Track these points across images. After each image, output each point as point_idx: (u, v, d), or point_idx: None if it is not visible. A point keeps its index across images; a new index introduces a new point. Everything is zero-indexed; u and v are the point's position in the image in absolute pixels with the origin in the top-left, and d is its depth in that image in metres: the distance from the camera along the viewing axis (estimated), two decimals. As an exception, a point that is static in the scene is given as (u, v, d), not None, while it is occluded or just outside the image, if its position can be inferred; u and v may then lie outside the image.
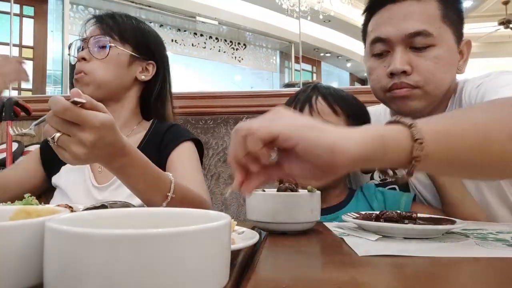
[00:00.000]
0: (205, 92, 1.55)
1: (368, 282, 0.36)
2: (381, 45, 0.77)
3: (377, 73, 0.78)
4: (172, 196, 0.68)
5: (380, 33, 0.77)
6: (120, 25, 0.96)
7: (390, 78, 0.76)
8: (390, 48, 0.76)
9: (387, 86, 0.76)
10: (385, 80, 0.77)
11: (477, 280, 0.38)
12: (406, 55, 0.74)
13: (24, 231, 0.30)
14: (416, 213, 0.57)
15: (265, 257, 0.44)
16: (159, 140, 0.93)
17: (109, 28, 0.95)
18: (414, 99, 0.75)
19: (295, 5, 6.08)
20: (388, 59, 0.77)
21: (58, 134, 0.53)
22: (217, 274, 0.28)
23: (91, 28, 0.97)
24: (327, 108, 0.81)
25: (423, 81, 0.74)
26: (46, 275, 0.27)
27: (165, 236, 0.24)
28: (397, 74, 0.74)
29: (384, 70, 0.77)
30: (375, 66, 0.79)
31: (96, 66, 0.92)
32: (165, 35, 6.75)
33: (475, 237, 0.54)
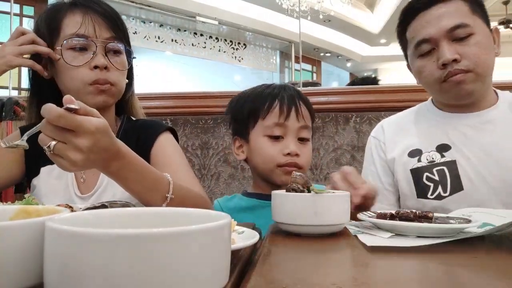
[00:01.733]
0: (205, 92, 1.55)
1: (368, 282, 0.36)
2: (426, 45, 0.88)
3: (429, 69, 0.88)
4: (172, 197, 0.67)
5: (423, 35, 0.88)
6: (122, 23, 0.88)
7: (442, 69, 0.85)
8: (435, 45, 0.87)
9: (442, 76, 0.86)
10: (438, 72, 0.87)
11: (484, 279, 0.38)
12: (452, 47, 0.85)
13: (24, 231, 0.30)
14: (433, 213, 0.57)
15: (265, 257, 0.44)
16: (135, 135, 0.89)
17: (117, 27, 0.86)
18: (469, 82, 0.85)
19: (295, 5, 6.07)
20: (436, 55, 0.87)
21: (54, 143, 0.52)
22: (217, 274, 0.28)
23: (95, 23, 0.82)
24: (307, 113, 0.91)
25: (473, 65, 0.84)
26: (46, 274, 0.27)
27: (165, 235, 0.24)
28: (449, 63, 0.84)
29: (434, 65, 0.87)
30: (424, 63, 0.89)
31: (118, 76, 0.85)
32: (165, 35, 6.75)
33: (489, 235, 0.54)
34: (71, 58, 0.82)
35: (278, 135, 0.86)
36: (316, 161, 1.43)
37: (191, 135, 1.49)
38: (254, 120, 0.89)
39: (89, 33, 0.82)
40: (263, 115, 0.87)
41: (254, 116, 0.89)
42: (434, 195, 0.88)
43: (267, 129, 0.87)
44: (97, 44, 0.82)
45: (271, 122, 0.87)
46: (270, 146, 0.86)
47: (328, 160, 1.44)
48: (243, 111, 0.91)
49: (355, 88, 1.57)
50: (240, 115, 0.92)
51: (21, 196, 0.63)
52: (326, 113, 1.46)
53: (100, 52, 0.83)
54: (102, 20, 0.84)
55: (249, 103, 0.91)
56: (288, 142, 0.86)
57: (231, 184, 1.47)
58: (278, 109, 0.87)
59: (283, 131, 0.86)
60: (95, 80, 0.82)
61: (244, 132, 0.91)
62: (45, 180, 0.88)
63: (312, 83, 6.06)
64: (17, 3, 4.75)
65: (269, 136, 0.86)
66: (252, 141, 0.89)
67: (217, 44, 7.46)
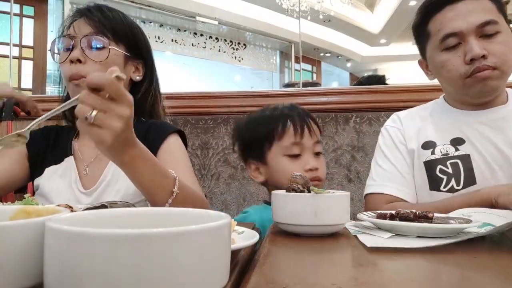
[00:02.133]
0: (205, 92, 1.55)
1: (368, 282, 0.36)
2: (453, 39, 0.87)
3: (453, 63, 0.87)
4: (177, 192, 0.68)
5: (451, 29, 0.86)
6: (112, 22, 0.89)
7: (469, 64, 0.85)
8: (462, 40, 0.86)
9: (468, 72, 0.85)
10: (463, 67, 0.86)
11: (483, 278, 0.38)
12: (480, 43, 0.84)
13: (25, 231, 0.30)
14: (433, 213, 0.57)
15: (265, 257, 0.44)
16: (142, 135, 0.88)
17: (101, 25, 0.88)
18: (494, 79, 0.85)
19: (295, 5, 6.08)
20: (462, 49, 0.86)
21: (95, 112, 0.54)
22: (217, 273, 0.28)
23: (78, 24, 0.88)
24: (317, 128, 0.96)
25: (500, 62, 0.84)
26: (46, 274, 0.27)
27: (165, 235, 0.24)
28: (477, 59, 0.84)
29: (460, 59, 0.86)
30: (449, 57, 0.88)
31: (95, 69, 0.85)
32: (165, 35, 6.75)
33: (490, 236, 0.54)
34: (60, 57, 0.88)
35: (297, 153, 0.90)
36: (316, 161, 1.43)
37: (191, 135, 1.50)
38: (269, 142, 0.92)
39: (70, 32, 0.88)
40: (279, 137, 0.91)
41: (269, 138, 0.92)
42: (447, 187, 0.88)
43: (286, 149, 0.90)
44: (74, 40, 0.86)
45: (288, 142, 0.90)
46: (291, 164, 0.89)
47: (328, 160, 1.44)
48: (256, 136, 0.94)
49: (355, 88, 1.57)
50: (254, 140, 0.95)
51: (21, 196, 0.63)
52: (326, 113, 1.46)
53: (77, 47, 0.86)
54: (84, 20, 0.88)
55: (261, 126, 0.94)
56: (307, 158, 0.90)
57: (231, 184, 1.47)
58: (293, 129, 0.91)
59: (300, 149, 0.90)
60: (70, 75, 0.85)
61: (260, 155, 0.94)
62: (49, 179, 0.89)
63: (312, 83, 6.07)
64: (17, 3, 4.75)
65: (288, 155, 0.90)
66: (271, 162, 0.92)
67: (217, 44, 7.46)
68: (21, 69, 4.99)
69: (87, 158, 0.91)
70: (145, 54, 0.97)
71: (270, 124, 0.93)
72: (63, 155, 0.92)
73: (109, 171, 0.87)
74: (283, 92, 1.67)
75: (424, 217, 0.55)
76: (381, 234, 0.54)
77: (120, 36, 0.90)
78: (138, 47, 0.94)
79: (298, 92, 1.54)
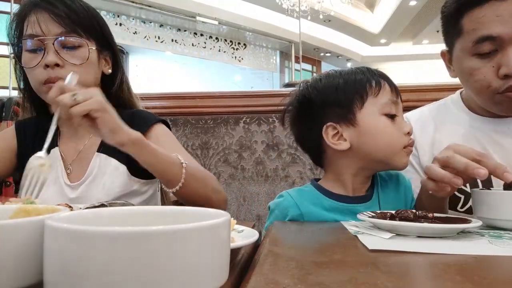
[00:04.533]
0: (205, 92, 1.55)
1: (368, 282, 0.36)
2: (488, 44, 0.73)
3: (484, 73, 0.75)
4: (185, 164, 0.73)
5: (489, 32, 0.72)
6: (79, 15, 0.84)
7: (503, 80, 0.73)
8: (498, 47, 0.73)
9: (500, 88, 0.74)
10: (495, 82, 0.74)
11: (483, 278, 0.38)
12: None
13: (24, 230, 0.30)
14: (432, 213, 0.57)
15: (265, 257, 0.44)
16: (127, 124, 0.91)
17: (70, 21, 0.82)
18: None
19: (295, 5, 6.08)
20: (497, 59, 0.73)
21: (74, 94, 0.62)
22: (217, 271, 0.28)
23: (43, 21, 0.81)
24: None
25: None
26: (46, 272, 0.27)
27: (163, 233, 0.25)
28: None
29: (493, 71, 0.74)
30: (479, 66, 0.76)
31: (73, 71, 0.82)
32: (165, 35, 6.76)
33: (490, 235, 0.54)
34: (27, 60, 0.83)
35: (394, 114, 0.74)
36: (316, 161, 1.44)
37: (191, 135, 1.50)
38: (361, 100, 0.74)
39: (37, 32, 0.81)
40: (375, 92, 0.74)
41: (360, 94, 0.74)
42: (465, 208, 0.80)
43: (384, 106, 0.74)
44: (45, 42, 0.81)
45: (386, 99, 0.74)
46: (391, 126, 0.73)
47: (328, 160, 1.44)
48: (340, 92, 0.76)
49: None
50: (337, 97, 0.76)
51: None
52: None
53: (51, 50, 0.81)
54: (50, 16, 0.81)
55: (344, 83, 0.76)
56: (401, 121, 0.75)
57: (231, 184, 1.47)
58: (388, 86, 0.75)
59: (396, 110, 0.75)
60: (46, 79, 0.81)
61: (346, 115, 0.75)
62: None
63: (312, 83, 6.05)
64: (17, 3, 4.75)
65: (387, 115, 0.74)
66: (365, 123, 0.74)
67: (217, 44, 7.47)
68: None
69: (69, 157, 0.90)
70: (112, 44, 0.92)
71: (359, 79, 0.76)
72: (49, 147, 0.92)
73: (94, 166, 0.87)
74: (283, 92, 1.67)
75: (424, 217, 0.55)
76: (381, 235, 0.54)
77: (90, 31, 0.86)
78: (106, 38, 0.90)
79: (298, 92, 1.53)
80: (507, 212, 0.58)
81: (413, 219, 0.55)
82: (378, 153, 0.74)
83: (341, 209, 0.73)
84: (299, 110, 0.81)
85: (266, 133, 1.45)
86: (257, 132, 1.45)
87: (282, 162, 1.43)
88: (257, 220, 1.43)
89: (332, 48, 8.82)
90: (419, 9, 7.57)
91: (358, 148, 0.74)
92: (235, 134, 1.46)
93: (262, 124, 1.45)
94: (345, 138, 0.74)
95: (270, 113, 1.45)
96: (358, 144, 0.74)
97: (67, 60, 0.82)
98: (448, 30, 0.82)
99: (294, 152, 1.43)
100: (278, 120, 1.44)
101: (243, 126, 1.46)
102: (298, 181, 1.41)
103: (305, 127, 0.80)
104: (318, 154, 0.80)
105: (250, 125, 1.46)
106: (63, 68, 0.81)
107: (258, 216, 1.43)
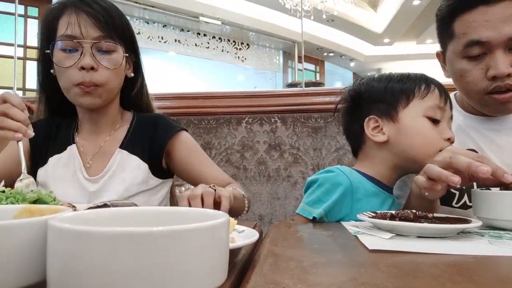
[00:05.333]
0: (208, 92, 1.56)
1: (368, 282, 0.36)
2: (478, 48, 0.77)
3: (473, 75, 0.79)
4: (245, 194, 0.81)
5: (478, 36, 0.76)
6: (115, 20, 0.86)
7: (490, 80, 0.77)
8: (487, 50, 0.76)
9: (488, 88, 0.77)
10: (484, 82, 0.78)
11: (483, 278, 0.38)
12: (507, 58, 0.75)
13: (28, 230, 0.30)
14: (432, 213, 0.57)
15: (265, 257, 0.44)
16: (149, 129, 0.92)
17: (107, 25, 0.84)
18: None
19: (298, 5, 6.07)
20: (486, 62, 0.77)
21: None
22: (216, 271, 0.28)
23: (83, 23, 0.82)
24: None
25: None
26: (49, 272, 0.27)
27: (164, 234, 0.25)
28: (501, 78, 0.75)
29: (481, 73, 0.78)
30: (469, 68, 0.79)
31: (108, 76, 0.84)
32: (168, 35, 6.77)
33: (490, 235, 0.54)
34: (62, 59, 0.83)
35: (438, 119, 0.77)
36: (319, 161, 1.43)
37: (194, 135, 1.50)
38: (406, 99, 0.78)
39: (75, 33, 0.82)
40: (422, 95, 0.78)
41: (407, 94, 0.79)
42: (460, 203, 0.82)
43: (429, 109, 0.77)
44: (83, 45, 0.82)
45: (432, 103, 0.77)
46: (431, 129, 0.76)
47: (330, 160, 1.44)
48: (388, 90, 0.81)
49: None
50: (384, 93, 0.81)
51: None
52: (329, 113, 1.45)
53: (88, 52, 0.82)
54: (90, 19, 0.83)
55: (395, 83, 0.81)
56: (444, 128, 0.78)
57: (234, 184, 1.47)
58: (438, 91, 0.78)
59: (441, 115, 0.78)
60: (80, 81, 0.82)
61: (390, 111, 0.79)
62: (53, 169, 0.91)
63: (315, 83, 6.06)
64: (22, 4, 4.79)
65: (429, 117, 0.77)
66: (405, 121, 0.78)
67: (220, 44, 7.48)
68: (25, 69, 5.03)
69: (89, 152, 0.92)
70: (136, 48, 0.94)
71: (410, 81, 0.80)
72: (65, 144, 0.93)
73: (115, 161, 0.89)
74: (286, 92, 1.67)
75: (424, 217, 0.55)
76: (381, 235, 0.54)
77: (122, 37, 0.88)
78: (133, 43, 0.92)
79: (302, 92, 1.54)
80: (507, 212, 0.58)
81: (413, 219, 0.55)
82: (413, 152, 0.77)
83: (378, 194, 0.78)
84: (350, 103, 0.86)
85: (268, 133, 1.45)
86: (259, 132, 1.45)
87: (284, 162, 1.43)
88: (259, 220, 1.43)
89: (335, 47, 8.80)
90: (423, 8, 7.54)
91: (394, 144, 0.78)
92: (238, 134, 1.46)
93: (265, 124, 1.45)
94: (384, 132, 0.79)
95: (272, 113, 1.45)
96: (395, 139, 0.78)
97: (102, 64, 0.83)
98: (441, 32, 0.85)
99: (296, 152, 1.43)
100: (280, 120, 1.45)
101: (246, 126, 1.46)
102: (300, 181, 1.41)
103: (352, 118, 0.85)
104: (358, 144, 0.84)
105: (253, 125, 1.46)
106: (97, 71, 0.83)
107: (260, 216, 1.44)
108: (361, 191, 0.75)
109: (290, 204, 1.42)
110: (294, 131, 1.44)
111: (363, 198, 0.74)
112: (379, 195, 0.77)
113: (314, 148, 1.43)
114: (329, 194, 0.73)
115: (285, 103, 1.45)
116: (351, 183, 0.74)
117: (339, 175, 0.76)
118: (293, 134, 1.44)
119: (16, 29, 4.47)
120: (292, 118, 1.44)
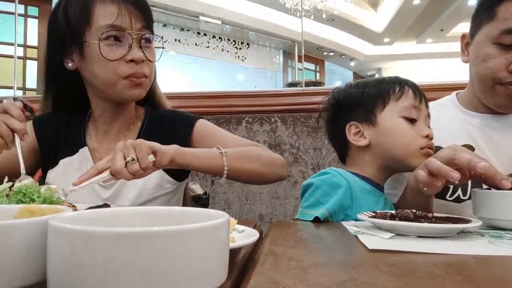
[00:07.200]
0: (207, 92, 1.56)
1: (368, 282, 0.36)
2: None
3: (496, 62, 0.79)
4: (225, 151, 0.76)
5: None
6: (150, 11, 0.84)
7: (510, 73, 0.77)
8: None
9: (505, 80, 0.78)
10: (503, 73, 0.78)
11: (483, 278, 0.38)
12: None
13: (28, 229, 0.30)
14: (432, 213, 0.57)
15: (265, 257, 0.44)
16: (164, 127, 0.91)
17: (148, 17, 0.82)
18: None
19: (298, 4, 6.07)
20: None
21: None
22: (216, 271, 0.28)
23: (132, 12, 0.80)
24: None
25: None
26: (49, 271, 0.27)
27: (164, 234, 0.25)
28: None
29: (505, 63, 0.78)
30: (496, 55, 0.79)
31: (151, 67, 0.84)
32: (168, 35, 6.76)
33: (490, 235, 0.54)
34: (107, 51, 0.79)
35: (414, 118, 0.81)
36: (319, 161, 1.44)
37: (194, 134, 1.50)
38: (382, 102, 0.83)
39: (125, 24, 0.79)
40: (397, 97, 0.82)
41: (383, 97, 0.83)
42: (453, 197, 0.83)
43: (404, 110, 0.81)
44: (133, 37, 0.80)
45: (407, 103, 0.81)
46: (408, 128, 0.80)
47: (330, 159, 1.44)
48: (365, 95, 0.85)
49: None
50: (362, 99, 0.85)
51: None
52: (328, 113, 1.45)
53: (136, 45, 0.80)
54: (135, 10, 0.81)
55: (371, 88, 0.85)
56: (422, 125, 0.81)
57: (233, 183, 1.47)
58: (412, 92, 0.82)
59: (417, 114, 0.81)
60: (131, 73, 0.80)
61: (367, 116, 0.84)
62: (64, 172, 0.88)
63: (315, 83, 6.05)
64: (22, 4, 4.79)
65: (405, 117, 0.80)
66: (383, 124, 0.82)
67: (220, 43, 7.47)
68: (25, 69, 5.03)
69: (103, 155, 0.88)
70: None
71: (383, 85, 0.84)
72: (77, 146, 0.91)
73: None
74: (286, 91, 1.67)
75: (424, 217, 0.56)
76: (381, 234, 0.54)
77: (152, 28, 0.86)
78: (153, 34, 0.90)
79: (302, 91, 1.54)
80: (507, 212, 0.58)
81: (413, 219, 0.55)
82: (394, 151, 0.80)
83: (372, 192, 0.80)
84: (330, 111, 0.90)
85: (268, 132, 1.45)
86: (259, 131, 1.45)
87: (285, 161, 1.43)
88: (259, 219, 1.43)
89: (336, 47, 8.79)
90: (423, 8, 7.53)
91: (376, 146, 0.82)
92: (238, 134, 1.46)
93: (265, 124, 1.45)
94: (365, 136, 0.83)
95: (273, 112, 1.45)
96: (376, 142, 0.82)
97: (146, 57, 0.82)
98: (480, 12, 0.84)
99: (296, 152, 1.43)
100: (280, 120, 1.45)
101: (246, 126, 1.46)
102: (300, 180, 1.41)
103: (334, 126, 0.88)
104: (343, 149, 0.88)
105: (253, 125, 1.46)
106: (143, 63, 0.81)
107: (260, 215, 1.44)
108: (358, 189, 0.77)
109: (290, 203, 1.42)
110: (294, 131, 1.44)
111: (360, 195, 0.76)
112: (372, 193, 0.80)
113: (314, 148, 1.43)
114: (327, 195, 0.74)
115: (285, 103, 1.45)
116: (348, 182, 0.76)
117: (335, 176, 0.79)
118: (293, 134, 1.44)
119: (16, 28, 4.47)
120: (292, 117, 1.44)
